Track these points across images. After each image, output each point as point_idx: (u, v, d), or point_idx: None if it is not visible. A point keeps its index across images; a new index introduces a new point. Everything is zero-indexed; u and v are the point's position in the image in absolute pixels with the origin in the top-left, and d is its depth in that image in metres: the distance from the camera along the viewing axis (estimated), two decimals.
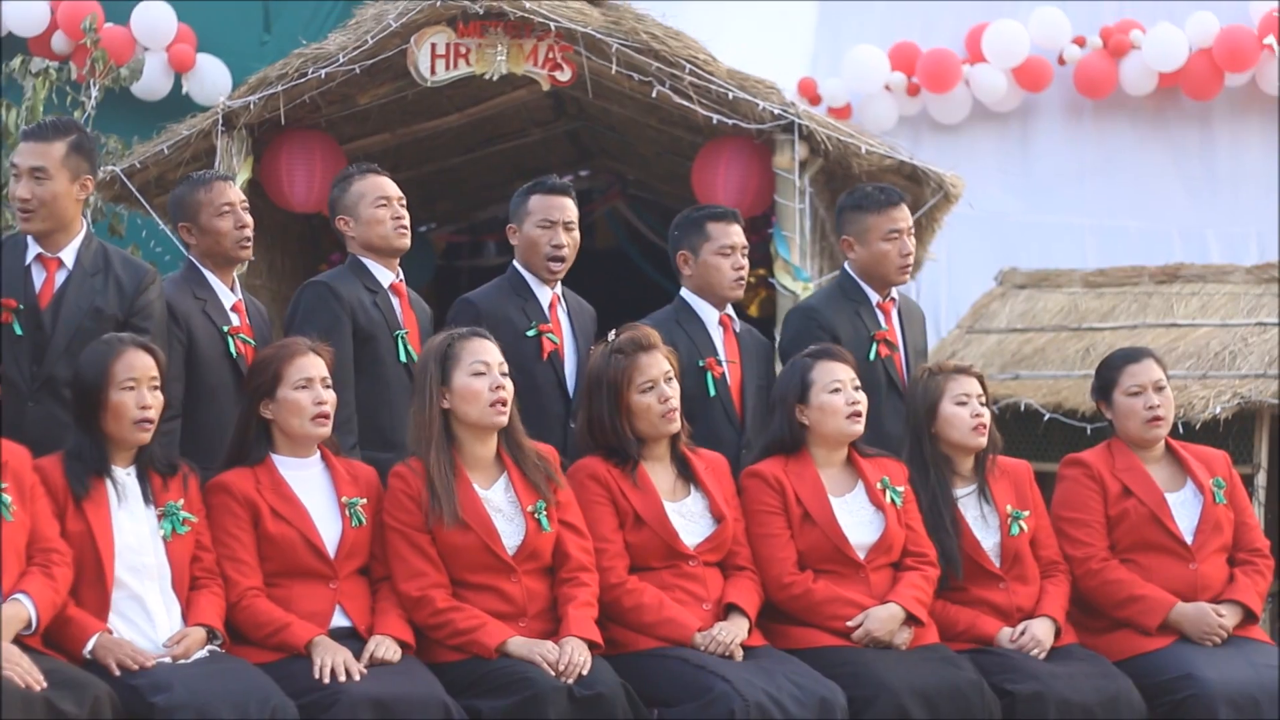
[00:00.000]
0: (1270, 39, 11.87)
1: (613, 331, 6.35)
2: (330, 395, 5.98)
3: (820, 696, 5.81)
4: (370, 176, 7.01)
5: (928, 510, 6.47)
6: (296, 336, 6.21)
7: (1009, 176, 12.64)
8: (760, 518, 6.33)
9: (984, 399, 6.61)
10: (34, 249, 6.27)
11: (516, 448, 6.04)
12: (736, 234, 7.17)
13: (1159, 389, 6.72)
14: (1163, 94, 12.40)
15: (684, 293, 7.24)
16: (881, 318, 7.24)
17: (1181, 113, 12.49)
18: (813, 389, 6.39)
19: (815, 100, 12.35)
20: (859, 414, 6.39)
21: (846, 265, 7.37)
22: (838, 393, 6.38)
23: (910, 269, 7.31)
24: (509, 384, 6.00)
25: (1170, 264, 10.73)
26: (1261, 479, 8.99)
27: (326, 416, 5.95)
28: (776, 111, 8.85)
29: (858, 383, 6.45)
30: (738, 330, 7.22)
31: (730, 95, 8.84)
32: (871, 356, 7.07)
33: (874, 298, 7.26)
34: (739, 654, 5.96)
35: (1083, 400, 9.32)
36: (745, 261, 7.18)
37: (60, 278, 6.28)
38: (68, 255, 6.31)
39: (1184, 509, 6.66)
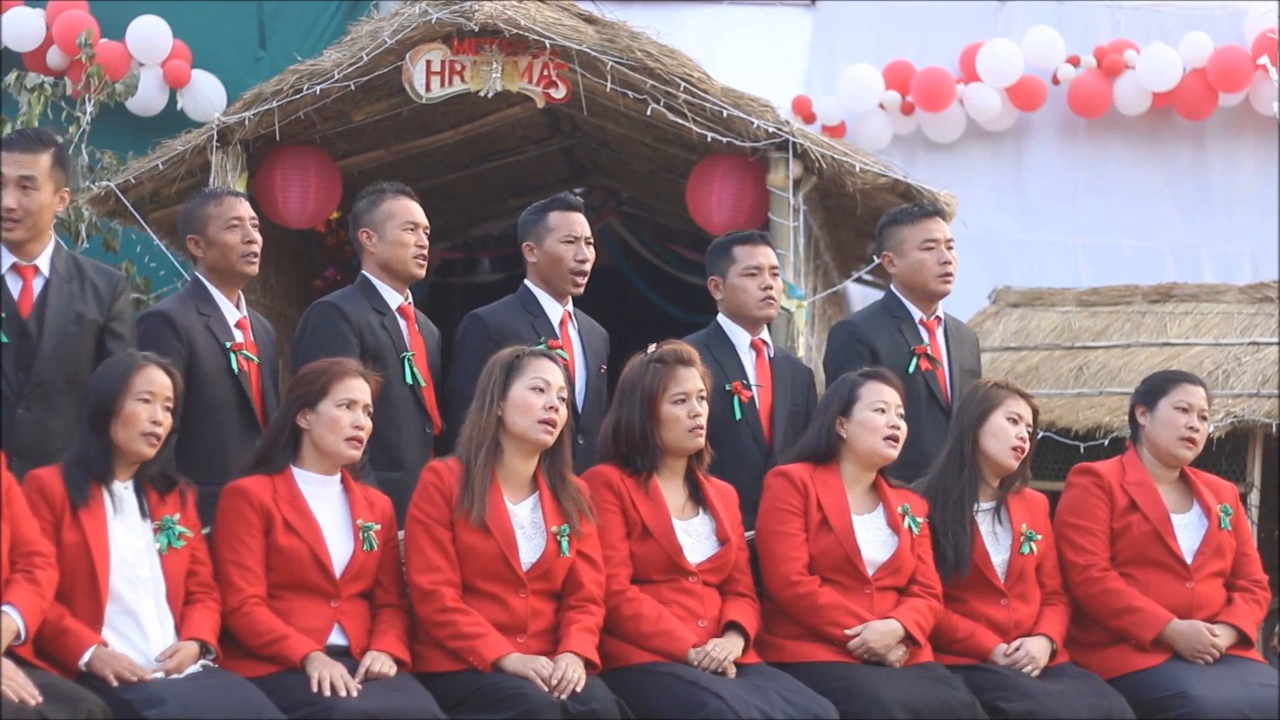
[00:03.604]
0: (1264, 59, 11.88)
1: (653, 345, 6.38)
2: (368, 423, 6.01)
3: (813, 713, 5.83)
4: (403, 199, 7.08)
5: (951, 506, 6.50)
6: (347, 357, 6.25)
7: (1003, 195, 12.63)
8: (779, 515, 6.35)
9: (1032, 429, 6.66)
10: (8, 259, 6.27)
11: (558, 476, 6.07)
12: (763, 255, 7.27)
13: (1202, 417, 6.81)
14: (1156, 114, 12.40)
15: (719, 317, 7.35)
16: (925, 335, 7.34)
17: (1175, 132, 12.49)
18: (857, 404, 6.43)
19: (810, 119, 12.35)
20: (896, 439, 6.42)
21: (892, 285, 7.53)
22: (881, 413, 6.41)
23: (950, 279, 7.39)
24: (564, 410, 6.03)
25: (1164, 283, 10.72)
26: (1255, 498, 9.00)
27: (361, 441, 5.99)
28: (771, 130, 8.85)
29: (902, 410, 6.49)
30: (771, 355, 7.30)
31: (725, 113, 8.84)
32: (911, 369, 7.15)
33: (916, 314, 7.39)
34: (732, 671, 5.97)
35: (1076, 419, 9.34)
36: (775, 281, 7.27)
37: (38, 285, 6.29)
38: (43, 263, 6.33)
39: (1187, 530, 6.70)
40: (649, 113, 8.90)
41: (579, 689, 5.69)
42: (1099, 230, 12.48)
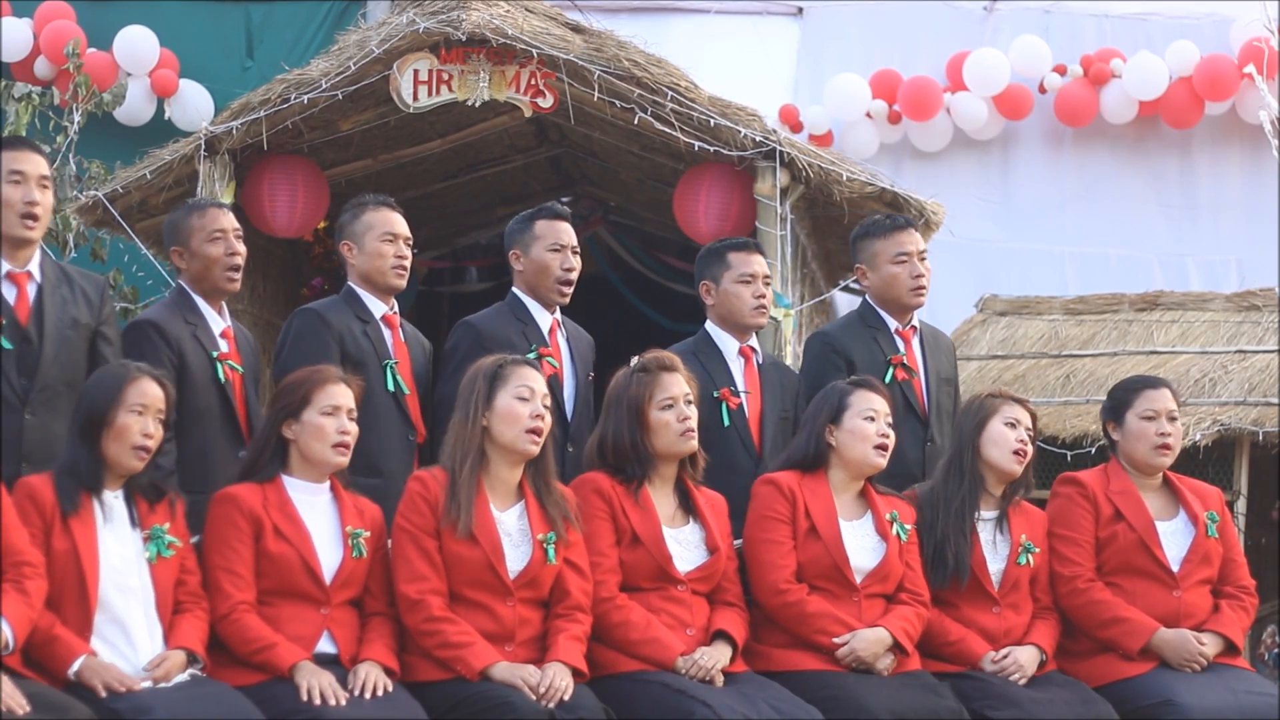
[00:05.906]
0: (1250, 68, 11.91)
1: (635, 356, 6.39)
2: (354, 427, 6.02)
3: None
4: (383, 210, 7.08)
5: (953, 514, 6.51)
6: (328, 364, 6.25)
7: (989, 204, 12.66)
8: (767, 523, 6.35)
9: (1032, 433, 6.67)
10: (3, 266, 6.26)
11: (543, 483, 6.06)
12: (758, 263, 7.27)
13: (1171, 419, 6.79)
14: (1143, 122, 12.43)
15: (707, 324, 7.33)
16: (900, 344, 7.33)
17: (1162, 141, 12.53)
18: (847, 412, 6.44)
19: (797, 127, 12.37)
20: (886, 447, 6.44)
21: (866, 295, 7.50)
22: (871, 421, 6.43)
23: (923, 292, 7.38)
24: (549, 418, 6.03)
25: (1150, 291, 10.76)
26: (1241, 505, 9.01)
27: (347, 447, 5.98)
28: (758, 139, 8.87)
29: (891, 419, 6.50)
30: (760, 362, 7.28)
31: (712, 122, 8.86)
32: (887, 380, 7.12)
33: (892, 324, 7.37)
34: (720, 679, 5.96)
35: (1063, 427, 9.35)
36: (767, 290, 7.27)
37: (32, 291, 6.25)
38: (34, 269, 6.30)
39: (1173, 538, 6.69)
40: (636, 122, 8.92)
41: (566, 697, 5.68)
42: (1086, 239, 12.50)
